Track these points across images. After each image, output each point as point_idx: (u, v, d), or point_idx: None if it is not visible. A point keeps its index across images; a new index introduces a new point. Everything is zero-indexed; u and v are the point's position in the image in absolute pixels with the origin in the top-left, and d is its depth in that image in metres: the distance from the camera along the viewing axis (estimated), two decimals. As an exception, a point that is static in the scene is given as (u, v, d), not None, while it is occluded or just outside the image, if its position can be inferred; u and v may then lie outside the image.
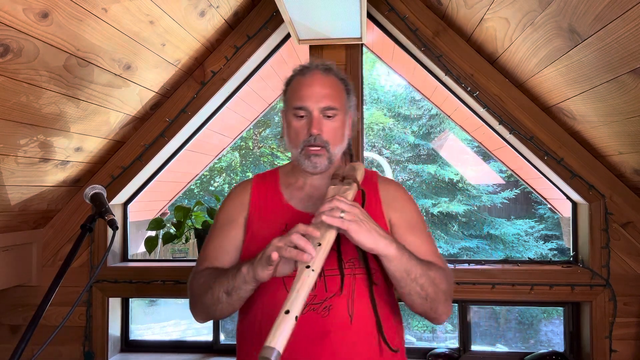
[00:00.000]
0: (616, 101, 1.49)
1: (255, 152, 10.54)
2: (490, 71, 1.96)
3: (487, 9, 1.66)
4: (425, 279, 1.10)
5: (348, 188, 1.11)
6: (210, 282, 1.16)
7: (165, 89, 2.02)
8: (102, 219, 1.15)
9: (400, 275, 1.07)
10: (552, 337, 7.34)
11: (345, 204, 1.02)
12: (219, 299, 1.12)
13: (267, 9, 2.03)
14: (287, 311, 0.89)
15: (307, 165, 1.22)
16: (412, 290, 1.10)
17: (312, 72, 1.25)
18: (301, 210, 1.25)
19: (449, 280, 1.18)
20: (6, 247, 1.92)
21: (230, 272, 1.11)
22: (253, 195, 1.30)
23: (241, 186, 1.35)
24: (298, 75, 1.27)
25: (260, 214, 1.26)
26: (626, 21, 1.14)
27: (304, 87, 1.23)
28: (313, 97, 1.21)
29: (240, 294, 1.10)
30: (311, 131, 1.19)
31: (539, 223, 9.42)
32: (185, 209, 2.16)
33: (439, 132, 10.01)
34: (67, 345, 2.11)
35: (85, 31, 1.42)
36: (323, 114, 1.21)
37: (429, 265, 1.13)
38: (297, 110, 1.22)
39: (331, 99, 1.22)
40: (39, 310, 0.98)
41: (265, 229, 1.23)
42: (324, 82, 1.23)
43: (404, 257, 1.06)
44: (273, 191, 1.30)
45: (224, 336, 2.28)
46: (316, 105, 1.20)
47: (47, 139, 1.67)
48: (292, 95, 1.25)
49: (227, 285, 1.10)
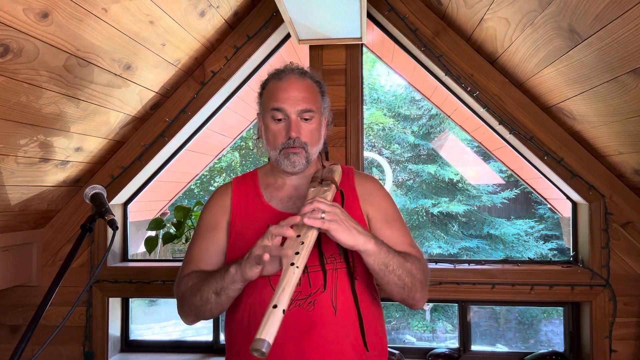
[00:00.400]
0: (616, 101, 1.49)
1: (255, 152, 10.53)
2: (490, 71, 1.96)
3: (487, 9, 1.66)
4: (402, 270, 1.16)
5: (327, 189, 1.16)
6: (198, 284, 1.19)
7: (165, 89, 2.02)
8: (102, 219, 1.15)
9: (379, 268, 1.13)
10: (552, 337, 7.34)
11: (325, 204, 1.07)
12: (208, 300, 1.16)
13: (267, 9, 2.03)
14: (274, 305, 0.93)
15: (286, 165, 1.26)
16: (390, 280, 1.16)
17: (288, 75, 1.28)
18: (282, 211, 1.29)
19: (424, 269, 1.25)
20: (6, 247, 1.92)
21: (218, 273, 1.15)
22: (234, 198, 1.33)
23: (221, 189, 1.39)
24: (274, 79, 1.30)
25: (242, 216, 1.30)
26: (626, 21, 1.14)
27: (280, 91, 1.26)
28: (290, 100, 1.24)
29: (229, 294, 1.14)
30: (290, 134, 1.24)
31: (539, 223, 9.42)
32: (185, 209, 2.16)
33: (439, 132, 10.01)
34: (67, 345, 2.11)
35: (85, 31, 1.42)
36: (300, 116, 1.25)
37: (405, 257, 1.19)
38: (275, 112, 1.26)
39: (307, 102, 1.26)
40: (39, 310, 0.98)
41: (248, 230, 1.27)
42: (300, 85, 1.27)
43: (382, 251, 1.12)
44: (253, 193, 1.34)
45: (224, 336, 2.28)
46: (293, 108, 1.24)
47: (47, 139, 1.67)
48: (269, 98, 1.28)
49: (216, 286, 1.14)
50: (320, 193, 1.15)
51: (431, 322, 8.01)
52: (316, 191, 1.17)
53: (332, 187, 1.18)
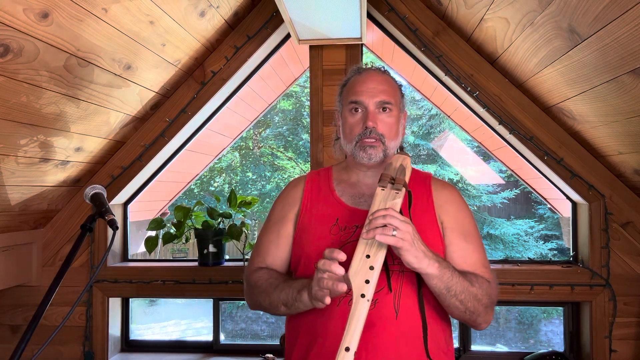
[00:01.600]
0: (616, 101, 1.49)
1: (255, 152, 10.54)
2: (490, 71, 1.96)
3: (487, 9, 1.66)
4: (466, 295, 1.12)
5: (397, 193, 1.11)
6: (269, 289, 1.21)
7: (165, 89, 2.02)
8: (102, 219, 1.15)
9: (440, 291, 1.11)
10: (552, 337, 7.34)
11: (398, 220, 1.03)
12: (277, 308, 1.19)
13: (267, 9, 2.03)
14: (347, 348, 0.93)
15: (362, 157, 1.24)
16: (451, 304, 1.13)
17: (368, 70, 1.29)
18: (352, 206, 1.26)
19: (491, 293, 1.19)
20: (6, 247, 1.92)
21: (291, 289, 1.15)
22: (306, 190, 1.33)
23: (295, 182, 1.39)
24: (355, 75, 1.31)
25: (311, 209, 1.30)
26: (626, 21, 1.14)
27: (360, 83, 1.26)
28: (369, 92, 1.24)
29: (300, 309, 1.15)
30: (367, 124, 1.22)
31: (538, 223, 9.41)
32: (185, 209, 2.16)
33: (439, 132, 10.00)
34: (67, 345, 2.11)
35: (86, 31, 1.42)
36: (378, 108, 1.24)
37: (472, 281, 1.15)
38: (352, 104, 1.25)
39: (386, 94, 1.25)
40: (39, 310, 0.98)
41: (316, 222, 1.26)
42: (380, 79, 1.27)
43: (445, 275, 1.09)
44: (326, 186, 1.33)
45: (224, 336, 2.29)
46: (372, 99, 1.23)
47: (47, 139, 1.67)
48: (348, 92, 1.28)
49: (287, 300, 1.16)
50: (389, 198, 1.10)
51: (431, 322, 8.00)
52: (385, 194, 1.11)
53: (403, 191, 1.12)
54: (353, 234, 1.20)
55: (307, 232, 1.26)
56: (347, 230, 1.22)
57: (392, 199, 1.10)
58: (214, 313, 2.24)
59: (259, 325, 7.67)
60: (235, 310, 7.86)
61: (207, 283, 2.09)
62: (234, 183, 10.05)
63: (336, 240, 1.21)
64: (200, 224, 2.18)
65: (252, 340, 7.18)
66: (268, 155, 10.46)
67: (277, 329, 7.41)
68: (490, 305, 1.19)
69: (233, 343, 2.58)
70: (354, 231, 1.21)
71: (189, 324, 6.83)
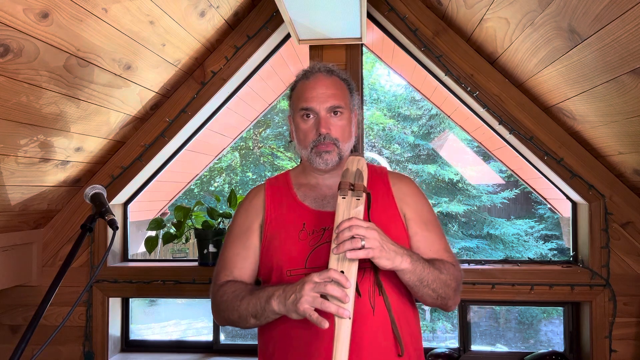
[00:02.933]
0: (616, 101, 1.49)
1: (255, 152, 10.54)
2: (490, 71, 1.96)
3: (487, 9, 1.66)
4: (437, 283, 1.16)
5: (358, 200, 1.13)
6: (236, 301, 1.18)
7: (165, 89, 2.03)
8: (102, 219, 1.15)
9: (414, 283, 1.13)
10: (552, 337, 7.34)
11: (363, 228, 1.05)
12: (247, 320, 1.17)
13: (267, 9, 2.03)
14: None
15: (318, 163, 1.25)
16: (424, 294, 1.16)
17: (315, 74, 1.29)
18: (316, 209, 1.27)
19: (457, 275, 1.24)
20: (6, 247, 1.92)
21: (259, 299, 1.13)
22: (267, 198, 1.32)
23: (254, 191, 1.38)
24: (302, 80, 1.31)
25: (276, 217, 1.29)
26: (626, 21, 1.14)
27: (308, 89, 1.26)
28: (318, 98, 1.25)
29: (269, 319, 1.14)
30: (320, 131, 1.23)
31: (538, 223, 9.42)
32: (185, 209, 2.16)
33: (439, 132, 10.00)
34: (67, 345, 2.11)
35: (86, 31, 1.42)
36: (329, 112, 1.25)
37: (440, 268, 1.18)
38: (304, 111, 1.26)
39: (336, 98, 1.25)
40: (39, 310, 0.98)
41: (283, 229, 1.26)
42: (328, 83, 1.27)
43: (417, 268, 1.12)
44: (287, 193, 1.33)
45: (224, 336, 2.29)
46: (322, 105, 1.24)
47: (47, 139, 1.67)
48: (297, 98, 1.29)
49: (255, 311, 1.14)
50: (352, 206, 1.12)
51: (431, 322, 8.01)
52: (347, 203, 1.13)
53: (364, 197, 1.14)
54: (322, 237, 1.22)
55: (275, 240, 1.25)
56: (315, 234, 1.23)
57: (354, 206, 1.12)
58: (214, 313, 2.23)
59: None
60: (235, 310, 7.84)
61: (207, 283, 2.09)
62: (234, 183, 10.04)
63: (306, 245, 1.21)
64: (200, 224, 2.18)
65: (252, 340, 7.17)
66: (268, 155, 10.46)
67: (277, 329, 7.40)
68: (457, 287, 1.23)
69: (233, 343, 2.58)
70: (322, 234, 1.22)
71: (189, 324, 6.83)
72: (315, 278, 1.03)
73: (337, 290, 1.00)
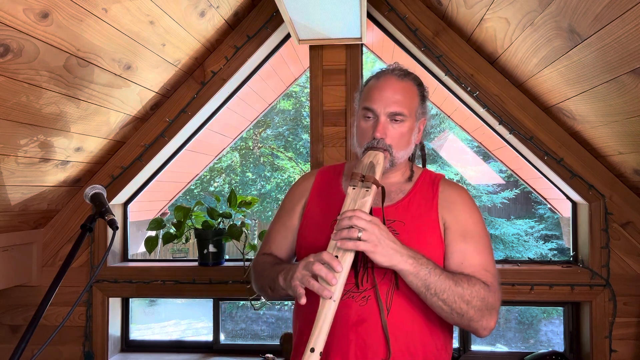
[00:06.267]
0: (616, 101, 1.49)
1: (255, 152, 10.54)
2: (490, 71, 1.96)
3: (487, 9, 1.66)
4: (449, 295, 1.09)
5: (367, 191, 1.12)
6: (263, 272, 1.29)
7: (165, 89, 2.02)
8: (102, 219, 1.15)
9: (418, 289, 1.10)
10: (552, 337, 7.34)
11: (364, 220, 1.05)
12: (266, 290, 1.27)
13: (267, 9, 2.03)
14: (312, 349, 0.95)
15: None
16: (433, 304, 1.11)
17: (387, 76, 1.27)
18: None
19: (487, 297, 1.15)
20: (6, 247, 1.92)
21: (274, 273, 1.20)
22: (315, 182, 1.38)
23: (306, 176, 1.44)
24: (373, 78, 1.30)
25: (317, 201, 1.34)
26: (626, 21, 1.14)
27: (375, 90, 1.25)
28: (382, 101, 1.23)
29: (281, 293, 1.19)
30: (374, 134, 1.21)
31: (539, 223, 9.41)
32: (185, 209, 2.16)
33: (439, 132, 10.00)
34: (67, 345, 2.11)
35: (86, 31, 1.42)
36: (390, 118, 1.23)
37: (461, 281, 1.12)
38: (365, 111, 1.25)
39: (400, 104, 1.23)
40: (39, 310, 0.98)
41: (319, 214, 1.30)
42: (397, 87, 1.24)
43: (422, 272, 1.08)
44: (335, 180, 1.36)
45: (224, 336, 2.29)
46: (384, 109, 1.22)
47: (47, 139, 1.67)
48: (364, 96, 1.28)
49: (271, 284, 1.22)
50: (359, 197, 1.11)
51: (431, 322, 8.01)
52: (355, 193, 1.13)
53: (373, 189, 1.13)
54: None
55: (309, 226, 1.31)
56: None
57: (361, 197, 1.12)
58: (214, 313, 2.24)
59: (259, 325, 7.68)
60: (235, 310, 7.86)
61: (207, 283, 2.09)
62: (234, 183, 10.04)
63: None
64: (200, 224, 2.18)
65: (252, 340, 7.18)
66: (268, 155, 10.46)
67: (277, 329, 7.41)
68: (485, 309, 1.14)
69: (233, 343, 2.58)
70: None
71: (189, 324, 6.83)
72: (310, 258, 1.07)
73: (324, 271, 1.02)
